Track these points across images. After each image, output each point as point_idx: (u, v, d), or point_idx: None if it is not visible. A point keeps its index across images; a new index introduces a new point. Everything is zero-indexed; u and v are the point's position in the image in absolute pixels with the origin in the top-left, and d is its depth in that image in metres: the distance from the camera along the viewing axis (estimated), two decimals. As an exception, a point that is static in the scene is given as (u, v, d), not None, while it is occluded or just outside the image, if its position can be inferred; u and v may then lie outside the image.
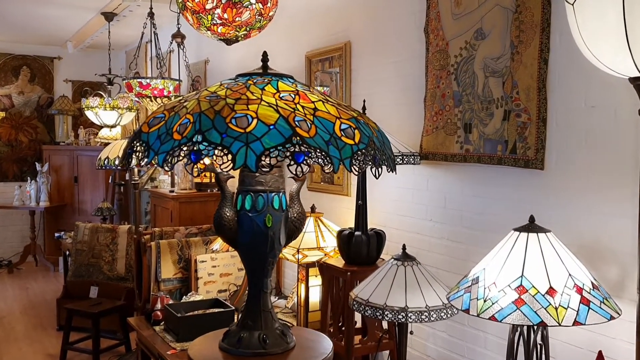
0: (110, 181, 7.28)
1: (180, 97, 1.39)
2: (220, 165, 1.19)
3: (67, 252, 6.11)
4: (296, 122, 1.25)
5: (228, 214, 1.47)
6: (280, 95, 1.33)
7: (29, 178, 8.00)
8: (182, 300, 4.04)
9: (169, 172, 5.44)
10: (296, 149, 1.21)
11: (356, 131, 1.31)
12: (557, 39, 2.49)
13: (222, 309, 3.57)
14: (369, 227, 3.16)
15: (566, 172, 2.46)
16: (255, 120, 1.25)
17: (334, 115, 1.33)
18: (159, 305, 3.84)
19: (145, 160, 1.26)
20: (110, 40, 6.72)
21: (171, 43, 4.95)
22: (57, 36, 7.79)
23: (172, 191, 5.24)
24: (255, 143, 1.21)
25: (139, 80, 4.64)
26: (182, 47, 4.95)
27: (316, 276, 3.53)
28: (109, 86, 6.70)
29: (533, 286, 2.01)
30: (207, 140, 1.20)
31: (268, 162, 1.20)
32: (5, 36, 7.87)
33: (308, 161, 1.23)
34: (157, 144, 1.27)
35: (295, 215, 1.55)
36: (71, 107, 8.31)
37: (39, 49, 8.57)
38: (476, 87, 2.86)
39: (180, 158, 1.21)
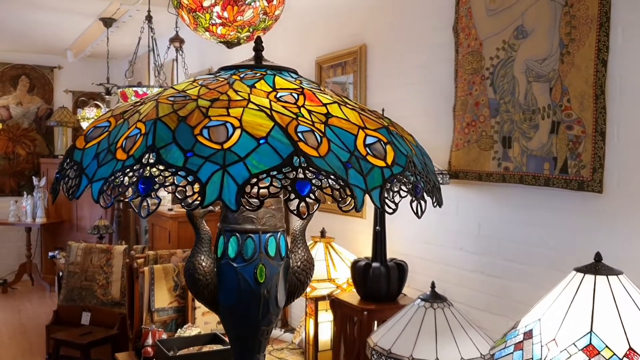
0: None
1: (140, 100, 0.97)
2: (180, 200, 0.77)
3: (61, 273, 5.71)
4: (299, 134, 0.83)
5: (204, 265, 1.02)
6: (278, 95, 0.90)
7: (25, 193, 7.63)
8: (177, 333, 3.62)
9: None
10: (299, 175, 0.79)
11: (388, 147, 0.88)
12: (618, 36, 2.06)
13: (221, 347, 3.16)
14: (388, 257, 2.72)
15: (631, 196, 2.01)
16: (238, 131, 0.82)
17: (355, 123, 0.90)
18: (150, 341, 3.41)
19: (75, 190, 0.84)
20: (112, 49, 6.38)
21: (169, 48, 4.56)
22: (56, 45, 7.47)
23: (171, 209, 4.83)
24: (237, 166, 0.78)
25: (134, 89, 4.25)
26: (180, 52, 4.55)
27: (327, 310, 3.09)
28: (107, 96, 6.32)
29: (606, 346, 1.57)
30: (163, 161, 0.78)
31: (256, 194, 0.77)
32: (3, 45, 7.55)
33: (316, 193, 0.80)
34: (92, 166, 0.85)
35: (299, 264, 1.09)
36: (71, 119, 7.94)
37: (38, 58, 8.24)
38: (517, 94, 2.42)
39: (123, 189, 0.79)
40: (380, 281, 2.63)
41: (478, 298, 2.65)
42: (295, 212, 0.79)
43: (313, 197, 0.79)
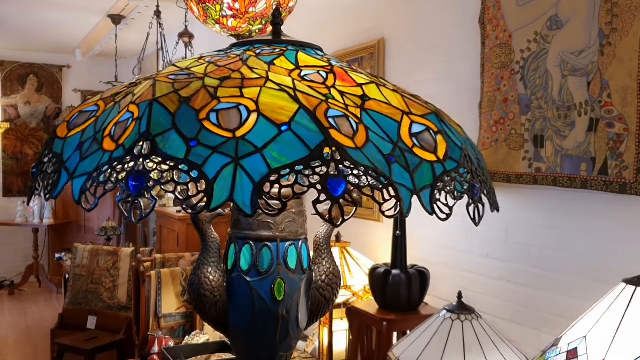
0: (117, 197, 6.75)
1: (136, 80, 0.81)
2: (182, 200, 0.60)
3: (67, 275, 5.57)
4: (330, 119, 0.66)
5: (211, 278, 0.85)
6: (302, 74, 0.74)
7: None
8: (184, 340, 3.47)
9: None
10: (331, 171, 0.62)
11: (439, 137, 0.71)
12: (665, 24, 1.88)
13: (230, 355, 2.99)
14: (408, 264, 2.55)
15: (681, 200, 1.83)
16: (254, 115, 0.66)
17: (398, 107, 0.73)
18: (155, 348, 3.26)
19: (52, 188, 0.68)
20: (120, 47, 6.25)
21: (177, 43, 4.40)
22: (64, 43, 7.35)
23: (180, 211, 4.67)
24: (253, 159, 0.62)
25: (142, 86, 4.09)
26: (189, 47, 4.39)
27: (341, 319, 2.91)
28: (116, 95, 6.17)
29: (666, 368, 1.38)
30: (160, 152, 0.62)
31: (276, 195, 0.60)
32: (11, 43, 7.45)
33: (352, 192, 0.63)
34: (74, 158, 0.68)
35: (323, 277, 0.92)
36: (79, 118, 7.80)
37: (46, 57, 8.12)
38: (550, 89, 2.24)
39: (109, 186, 0.63)
40: (400, 289, 2.46)
41: (504, 308, 2.47)
42: (326, 217, 0.62)
43: (349, 199, 0.62)
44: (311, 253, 0.92)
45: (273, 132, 0.65)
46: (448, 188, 0.70)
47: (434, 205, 0.69)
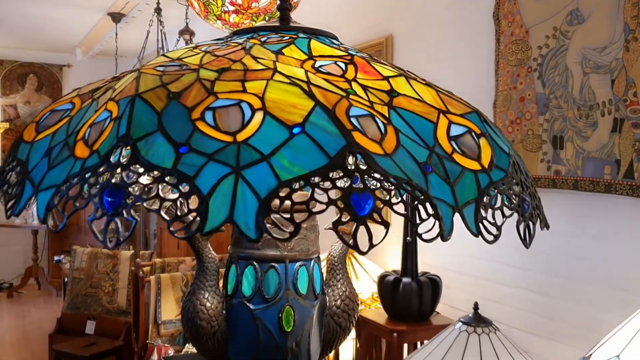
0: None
1: (120, 74, 0.68)
2: (169, 221, 0.48)
3: (66, 279, 5.45)
4: (353, 120, 0.53)
5: (208, 305, 0.72)
6: (317, 65, 0.61)
7: (32, 194, 7.40)
8: (185, 348, 3.35)
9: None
10: (356, 184, 0.49)
11: (483, 141, 0.59)
12: (697, 17, 1.75)
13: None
14: (419, 271, 2.42)
15: None
16: (259, 115, 0.53)
17: (433, 105, 0.61)
18: (155, 357, 3.14)
19: (15, 204, 0.55)
20: (121, 46, 6.13)
21: (178, 41, 4.28)
22: (65, 42, 7.24)
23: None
24: (258, 169, 0.49)
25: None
26: (191, 46, 4.26)
27: (349, 328, 2.78)
28: (116, 95, 6.06)
29: None
30: (142, 160, 0.49)
31: (289, 216, 0.47)
32: (11, 42, 7.34)
33: (380, 208, 0.51)
34: (41, 167, 0.56)
35: (338, 303, 0.78)
36: (79, 119, 7.70)
37: (47, 56, 8.01)
38: (570, 88, 2.11)
39: (81, 203, 0.50)
40: (411, 298, 2.33)
41: (521, 318, 2.35)
42: (350, 243, 0.50)
43: (379, 219, 0.49)
44: (324, 274, 0.80)
45: (283, 136, 0.52)
46: (495, 204, 0.58)
47: (480, 224, 0.56)
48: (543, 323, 2.26)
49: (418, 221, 0.53)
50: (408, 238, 2.39)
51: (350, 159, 0.51)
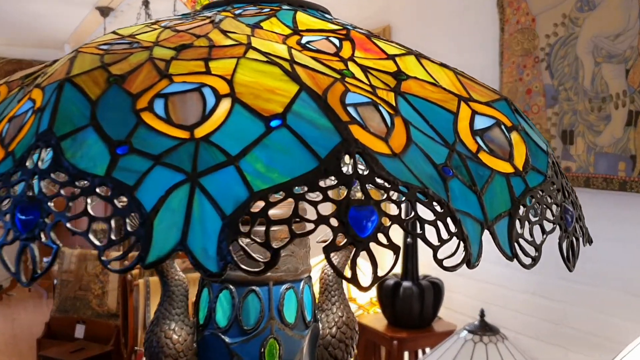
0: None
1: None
2: (102, 249, 0.35)
3: (55, 281, 5.31)
4: (350, 109, 0.40)
5: (175, 338, 0.58)
6: (304, 41, 0.48)
7: (21, 194, 7.25)
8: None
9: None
10: (354, 193, 0.37)
11: (515, 136, 0.46)
12: None
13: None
14: (420, 274, 2.29)
15: None
16: (226, 103, 0.40)
17: (451, 91, 0.47)
18: (143, 364, 3.00)
19: None
20: (109, 40, 5.97)
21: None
22: (53, 38, 7.08)
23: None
24: (222, 175, 0.36)
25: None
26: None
27: (346, 333, 2.65)
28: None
29: None
30: (66, 165, 0.36)
31: (264, 241, 0.34)
32: (-2, 38, 7.19)
33: (388, 227, 0.37)
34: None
35: (333, 331, 0.65)
36: (70, 116, 7.55)
37: (35, 53, 7.83)
38: (581, 79, 1.99)
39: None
40: (412, 303, 2.20)
41: (528, 324, 2.22)
42: (348, 277, 0.37)
43: (386, 242, 0.36)
44: (317, 296, 0.67)
45: (258, 131, 0.39)
46: (532, 217, 0.45)
47: (515, 243, 0.43)
48: (552, 329, 2.13)
49: (437, 242, 0.39)
50: (408, 239, 2.26)
51: (347, 161, 0.38)
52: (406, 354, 2.19)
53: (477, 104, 0.47)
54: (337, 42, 0.50)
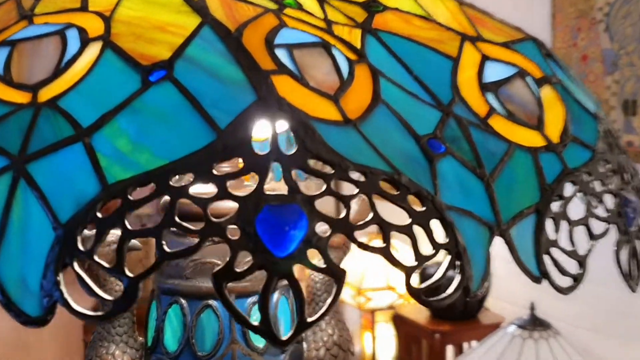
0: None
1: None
2: None
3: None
4: (282, 52, 0.26)
5: None
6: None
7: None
8: None
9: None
10: (277, 188, 0.23)
11: (548, 91, 0.30)
12: None
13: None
14: (465, 261, 2.12)
15: None
16: (94, 49, 0.26)
17: (450, 27, 0.32)
18: None
19: None
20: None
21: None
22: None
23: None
24: (63, 157, 0.23)
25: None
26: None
27: (387, 322, 2.53)
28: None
29: None
30: None
31: (115, 265, 0.21)
32: None
33: (327, 237, 0.23)
34: None
35: (322, 352, 0.51)
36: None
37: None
38: (645, 41, 1.76)
39: None
40: (455, 293, 2.04)
41: (584, 314, 2.04)
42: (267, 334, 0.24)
43: (323, 264, 0.22)
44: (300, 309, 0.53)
45: (130, 88, 0.25)
46: (571, 215, 0.29)
47: (545, 255, 0.28)
48: (609, 320, 1.95)
49: (413, 261, 0.25)
50: (450, 223, 2.10)
51: (264, 132, 0.24)
52: (449, 348, 2.04)
53: (490, 44, 0.32)
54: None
